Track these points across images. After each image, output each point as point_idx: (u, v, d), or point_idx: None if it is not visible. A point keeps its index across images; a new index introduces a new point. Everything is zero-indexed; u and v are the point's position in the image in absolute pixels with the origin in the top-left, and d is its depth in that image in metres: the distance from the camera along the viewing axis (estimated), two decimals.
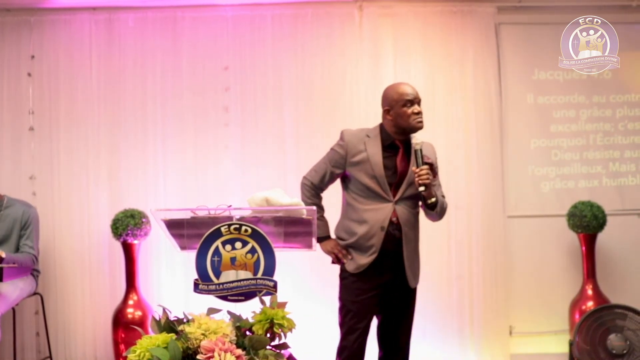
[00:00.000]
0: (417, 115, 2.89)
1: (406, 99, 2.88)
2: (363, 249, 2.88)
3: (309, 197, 2.99)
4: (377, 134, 2.96)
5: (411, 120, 2.88)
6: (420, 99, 2.94)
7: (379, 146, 2.93)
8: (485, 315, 4.53)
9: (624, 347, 3.82)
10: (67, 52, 4.58)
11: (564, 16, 4.54)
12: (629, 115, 4.81)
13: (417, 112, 2.89)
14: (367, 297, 2.88)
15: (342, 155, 2.93)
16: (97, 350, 4.51)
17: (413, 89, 2.93)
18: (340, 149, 2.94)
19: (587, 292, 4.46)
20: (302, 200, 2.93)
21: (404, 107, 2.88)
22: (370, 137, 2.94)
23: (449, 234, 4.57)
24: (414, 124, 2.88)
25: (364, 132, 2.98)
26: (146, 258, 4.49)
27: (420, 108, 2.92)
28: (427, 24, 4.66)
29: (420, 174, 2.82)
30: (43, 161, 4.57)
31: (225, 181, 4.55)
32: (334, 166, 2.96)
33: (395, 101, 2.91)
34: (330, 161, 2.96)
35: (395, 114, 2.91)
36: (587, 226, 4.40)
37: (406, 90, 2.91)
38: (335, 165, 2.95)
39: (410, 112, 2.88)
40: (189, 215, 2.33)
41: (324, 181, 2.99)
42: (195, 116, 4.60)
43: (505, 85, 4.74)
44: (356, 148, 2.92)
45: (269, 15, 4.61)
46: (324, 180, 2.98)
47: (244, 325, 2.14)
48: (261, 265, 2.21)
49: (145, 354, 1.97)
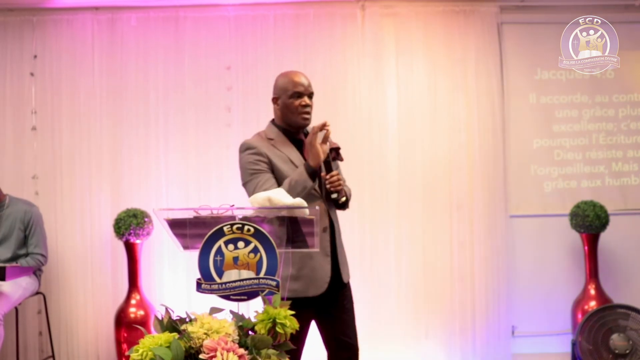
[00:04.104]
0: (303, 109, 2.64)
1: (294, 90, 2.64)
2: (318, 260, 2.63)
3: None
4: (277, 133, 2.68)
5: (297, 113, 2.64)
6: (312, 93, 2.69)
7: (289, 144, 2.68)
8: (487, 315, 4.53)
9: (626, 347, 3.82)
10: (69, 52, 4.59)
11: (567, 15, 4.53)
12: (631, 115, 4.81)
13: (305, 105, 2.64)
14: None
15: (264, 160, 2.61)
16: (99, 349, 4.52)
17: (307, 80, 2.69)
18: (258, 155, 2.61)
19: (590, 292, 4.45)
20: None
21: (291, 99, 2.64)
22: (274, 138, 2.68)
23: (451, 233, 4.57)
24: (298, 118, 2.65)
25: (262, 137, 2.69)
26: (148, 257, 4.50)
27: (309, 101, 2.67)
28: (430, 23, 4.65)
29: (332, 180, 2.60)
30: (45, 161, 4.57)
31: (227, 180, 4.55)
32: (268, 170, 2.61)
33: (283, 90, 2.67)
34: (261, 168, 2.60)
35: (282, 104, 2.67)
36: (589, 226, 4.40)
37: (297, 80, 2.67)
38: (268, 170, 2.61)
39: (297, 105, 2.64)
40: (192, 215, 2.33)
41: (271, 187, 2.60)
42: (197, 116, 4.60)
43: (508, 85, 4.74)
44: (271, 151, 2.63)
45: (271, 15, 4.61)
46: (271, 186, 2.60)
47: (246, 325, 2.14)
48: (264, 265, 2.21)
49: (148, 353, 1.97)
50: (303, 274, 2.63)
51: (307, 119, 2.68)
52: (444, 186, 4.60)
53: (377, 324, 4.47)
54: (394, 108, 4.60)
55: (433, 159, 4.59)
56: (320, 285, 2.65)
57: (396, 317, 4.51)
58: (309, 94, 2.69)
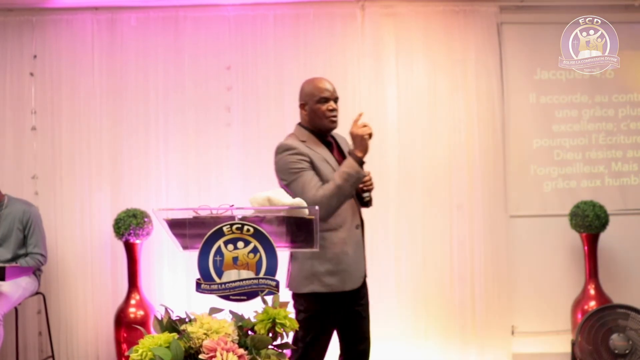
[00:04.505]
0: (331, 113, 2.77)
1: (321, 95, 2.76)
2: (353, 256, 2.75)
3: (327, 191, 2.65)
4: (307, 135, 2.78)
5: (324, 117, 2.76)
6: (337, 97, 2.81)
7: (321, 145, 2.79)
8: (487, 315, 4.53)
9: (626, 347, 3.82)
10: (69, 52, 4.59)
11: (567, 16, 4.52)
12: (631, 115, 4.81)
13: (332, 109, 2.77)
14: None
15: (306, 160, 2.68)
16: (99, 349, 4.52)
17: (331, 85, 2.80)
18: (299, 155, 2.69)
19: (590, 292, 4.45)
20: (338, 190, 2.65)
21: (319, 104, 2.76)
22: (306, 140, 2.77)
23: (451, 234, 4.57)
24: (326, 122, 2.77)
25: (296, 139, 2.78)
26: (148, 258, 4.50)
27: (335, 105, 2.79)
28: (429, 23, 4.65)
29: (365, 180, 2.75)
30: (45, 161, 4.57)
31: (227, 181, 4.56)
32: (310, 168, 2.69)
33: (310, 96, 2.79)
34: (304, 166, 2.68)
35: (310, 110, 2.78)
36: (589, 226, 4.40)
37: (323, 85, 2.78)
38: (310, 168, 2.69)
39: (325, 109, 2.76)
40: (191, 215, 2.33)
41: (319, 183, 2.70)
42: (197, 116, 4.60)
43: (508, 85, 4.74)
44: (309, 151, 2.72)
45: (271, 15, 4.61)
46: (318, 182, 2.70)
47: (246, 325, 2.14)
48: (263, 265, 2.21)
49: (148, 353, 1.97)
50: (340, 269, 2.73)
51: (334, 122, 2.79)
52: (443, 186, 4.60)
53: (377, 324, 4.42)
54: (394, 108, 4.60)
55: (433, 158, 4.59)
56: (356, 280, 2.77)
57: (396, 317, 4.51)
58: (334, 98, 2.80)
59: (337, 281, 2.72)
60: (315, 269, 2.72)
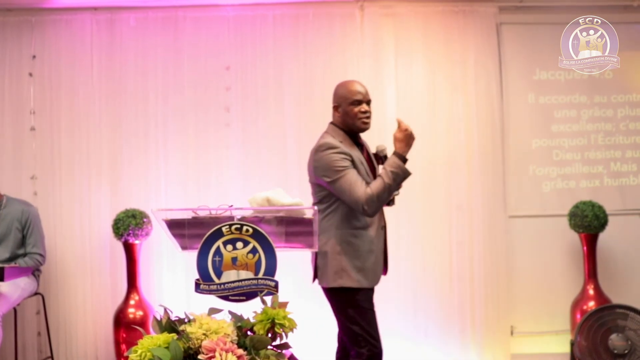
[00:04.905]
0: (363, 115, 2.85)
1: (354, 97, 2.84)
2: (377, 255, 2.88)
3: (377, 189, 2.75)
4: (343, 135, 2.86)
5: (357, 119, 2.84)
6: (370, 99, 2.90)
7: (354, 146, 2.89)
8: (486, 315, 4.53)
9: (625, 347, 3.82)
10: (68, 52, 4.59)
11: (566, 16, 4.52)
12: (630, 115, 4.81)
13: (364, 112, 2.85)
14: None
15: (349, 158, 2.78)
16: (98, 350, 4.51)
17: (364, 88, 2.89)
18: (342, 154, 2.78)
19: (589, 292, 4.45)
20: (388, 189, 2.77)
21: (352, 106, 2.84)
22: (342, 141, 2.84)
23: (450, 234, 4.57)
24: (358, 123, 2.85)
25: (334, 138, 2.85)
26: (147, 258, 4.50)
27: (368, 108, 2.88)
28: (429, 23, 4.66)
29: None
30: (44, 161, 4.57)
31: (226, 181, 4.55)
32: (352, 167, 2.79)
33: (343, 98, 2.86)
34: (348, 165, 2.78)
35: (343, 111, 2.87)
36: (588, 226, 4.40)
37: (356, 88, 2.86)
38: (352, 166, 2.79)
39: (357, 111, 2.84)
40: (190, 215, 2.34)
41: (365, 181, 2.80)
42: (196, 116, 4.60)
43: (507, 85, 4.74)
44: (349, 151, 2.81)
45: (270, 15, 4.61)
46: (363, 180, 2.79)
47: (245, 325, 2.14)
48: (262, 265, 2.21)
49: (147, 354, 1.97)
50: (366, 267, 2.84)
51: (367, 123, 2.87)
52: (442, 186, 4.60)
53: None
54: (393, 108, 4.60)
55: (432, 158, 4.59)
56: (377, 278, 2.93)
57: (395, 317, 4.50)
58: (367, 100, 2.88)
59: (364, 277, 2.84)
60: (344, 265, 2.82)
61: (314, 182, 2.91)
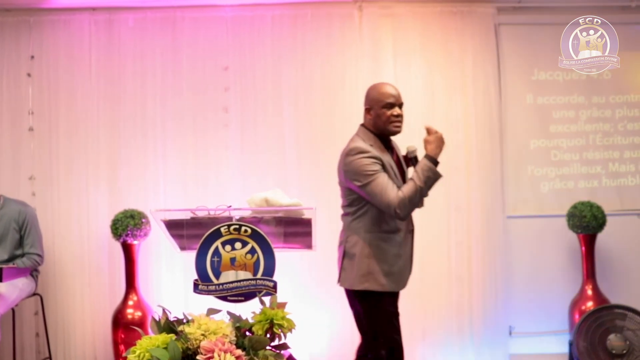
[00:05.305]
0: (396, 118, 2.84)
1: (387, 101, 2.84)
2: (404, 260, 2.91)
3: (409, 192, 2.76)
4: (373, 139, 2.88)
5: (389, 123, 2.84)
6: (402, 102, 2.89)
7: (385, 149, 2.89)
8: (484, 316, 4.53)
9: (623, 347, 3.83)
10: (66, 53, 4.58)
11: (564, 16, 4.53)
12: (628, 116, 4.82)
13: (397, 115, 2.85)
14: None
15: (379, 162, 2.78)
16: (96, 350, 4.51)
17: (396, 91, 2.88)
18: (373, 158, 2.78)
19: (587, 292, 4.46)
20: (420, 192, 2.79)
21: (384, 109, 2.84)
22: (373, 144, 2.86)
23: (448, 234, 4.57)
24: (391, 127, 2.85)
25: (364, 142, 2.86)
26: (146, 259, 4.49)
27: (400, 111, 2.87)
28: (427, 24, 4.66)
29: None
30: (42, 162, 4.56)
31: (224, 181, 4.55)
32: (383, 170, 2.79)
33: (376, 101, 2.86)
34: (378, 169, 2.78)
35: (375, 114, 2.86)
36: (586, 226, 4.40)
37: (388, 91, 2.86)
38: (383, 170, 2.79)
39: (390, 115, 2.84)
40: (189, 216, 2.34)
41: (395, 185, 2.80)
42: (195, 116, 4.59)
43: (505, 86, 4.74)
44: (379, 155, 2.82)
45: (269, 16, 4.61)
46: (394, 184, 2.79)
47: (243, 326, 2.14)
48: (261, 266, 2.21)
49: (145, 354, 1.97)
50: (394, 271, 2.86)
51: (398, 127, 2.88)
52: (441, 187, 4.57)
53: None
54: None
55: None
56: (404, 283, 2.97)
57: None
58: (399, 104, 2.88)
59: (391, 282, 2.86)
60: (372, 268, 2.83)
61: (344, 185, 2.91)
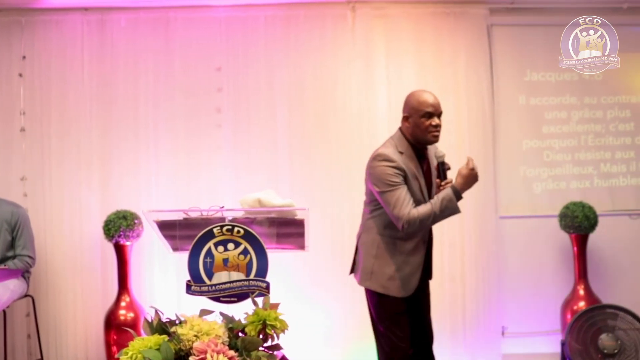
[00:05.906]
0: (434, 128, 2.81)
1: (425, 110, 2.80)
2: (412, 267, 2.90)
3: (423, 214, 2.76)
4: (406, 146, 2.86)
5: (427, 132, 2.81)
6: (441, 112, 2.86)
7: (415, 159, 2.86)
8: (477, 316, 4.54)
9: (615, 347, 3.85)
10: (58, 53, 4.56)
11: (556, 18, 4.57)
12: (619, 117, 4.84)
13: (435, 125, 2.81)
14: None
15: (402, 175, 2.78)
16: (89, 352, 4.49)
17: (435, 100, 2.84)
18: (397, 169, 2.78)
19: (579, 292, 4.48)
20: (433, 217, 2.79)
21: (422, 118, 2.81)
22: (403, 152, 2.84)
23: (441, 234, 4.57)
24: (429, 137, 2.82)
25: (395, 149, 2.85)
26: (138, 259, 4.48)
27: (439, 121, 2.84)
28: (420, 25, 4.67)
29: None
30: (34, 162, 4.54)
31: (217, 182, 4.54)
32: (404, 183, 2.79)
33: (414, 110, 2.83)
34: (400, 181, 2.77)
35: (413, 123, 2.84)
36: (578, 227, 4.42)
37: (428, 100, 2.82)
38: (404, 183, 2.79)
39: (428, 124, 2.81)
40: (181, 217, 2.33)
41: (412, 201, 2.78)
42: (187, 117, 4.58)
43: (498, 87, 4.76)
44: (405, 166, 2.80)
45: (262, 16, 4.61)
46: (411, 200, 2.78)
47: (236, 327, 2.14)
48: (254, 267, 2.21)
49: (138, 355, 1.96)
50: (398, 277, 2.84)
51: (436, 136, 2.84)
52: None
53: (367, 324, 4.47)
54: (384, 109, 4.61)
55: None
56: (409, 290, 2.90)
57: None
58: (438, 113, 2.84)
59: (392, 286, 2.84)
60: (375, 269, 2.84)
61: (367, 186, 2.94)
